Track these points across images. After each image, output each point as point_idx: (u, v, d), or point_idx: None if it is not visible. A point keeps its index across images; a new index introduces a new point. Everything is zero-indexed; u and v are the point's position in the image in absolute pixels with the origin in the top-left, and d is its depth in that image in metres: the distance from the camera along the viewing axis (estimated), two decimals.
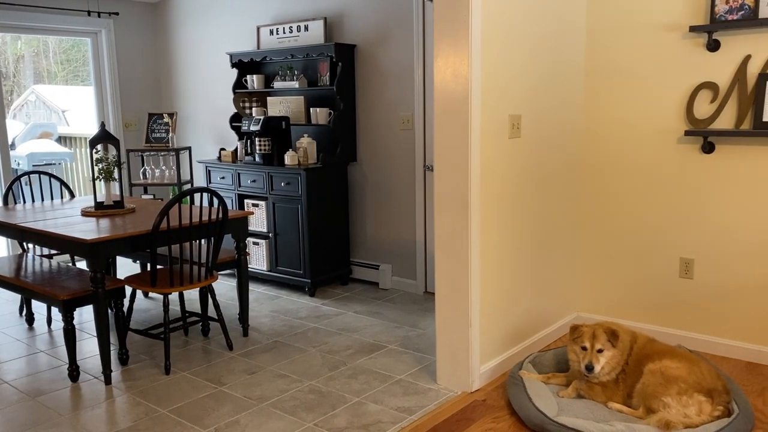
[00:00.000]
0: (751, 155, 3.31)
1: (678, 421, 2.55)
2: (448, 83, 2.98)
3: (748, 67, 3.26)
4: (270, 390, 3.23)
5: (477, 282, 3.09)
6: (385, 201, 4.93)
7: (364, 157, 5.02)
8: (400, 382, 3.28)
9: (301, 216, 4.75)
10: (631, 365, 2.85)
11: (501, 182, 3.21)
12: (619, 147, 3.73)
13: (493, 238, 3.20)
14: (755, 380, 3.20)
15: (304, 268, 4.80)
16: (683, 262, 3.58)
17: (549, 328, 3.74)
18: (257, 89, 5.36)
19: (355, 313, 4.41)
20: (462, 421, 2.86)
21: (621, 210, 3.77)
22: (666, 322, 3.69)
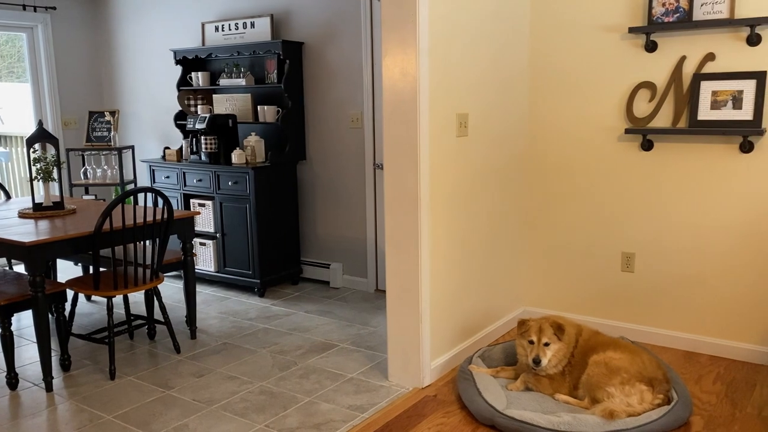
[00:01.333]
0: (687, 152, 3.45)
1: (621, 410, 2.63)
2: (397, 82, 3.00)
3: (684, 67, 3.39)
4: (219, 392, 3.19)
5: (427, 279, 3.12)
6: (336, 199, 4.92)
7: (313, 156, 4.99)
8: (351, 381, 3.28)
9: (249, 215, 4.69)
10: (576, 357, 2.93)
11: (450, 180, 3.25)
12: (562, 145, 3.82)
13: (443, 235, 3.24)
14: (693, 368, 3.34)
15: (253, 268, 4.74)
16: (625, 256, 3.70)
17: (498, 322, 3.81)
18: (203, 87, 5.27)
19: (305, 312, 4.39)
20: (413, 417, 2.89)
21: (565, 206, 3.87)
22: (609, 314, 3.80)
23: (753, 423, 2.78)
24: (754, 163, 3.27)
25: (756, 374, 3.25)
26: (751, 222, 3.31)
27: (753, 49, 3.21)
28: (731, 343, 3.45)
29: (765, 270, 3.31)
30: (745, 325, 3.40)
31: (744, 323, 3.40)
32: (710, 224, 3.42)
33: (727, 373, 3.28)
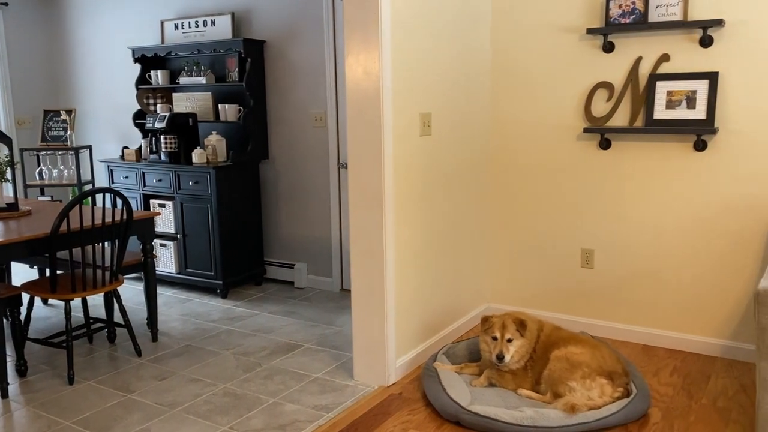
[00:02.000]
0: (643, 151, 3.53)
1: (582, 404, 2.69)
2: (360, 81, 3.00)
3: (640, 68, 3.47)
4: (182, 395, 3.14)
5: (392, 278, 3.13)
6: (299, 199, 4.90)
7: (276, 155, 4.96)
8: (317, 381, 3.27)
9: (211, 216, 4.63)
10: (538, 353, 2.98)
11: (414, 179, 3.27)
12: (523, 144, 3.88)
13: (408, 234, 3.26)
14: (651, 362, 3.43)
15: (216, 269, 4.69)
16: (584, 252, 3.77)
17: (461, 319, 3.84)
18: (162, 85, 5.18)
19: (269, 313, 4.35)
20: (379, 415, 2.89)
21: (527, 204, 3.92)
22: (570, 310, 3.88)
23: (708, 413, 2.87)
24: (708, 161, 3.37)
25: (711, 366, 3.35)
26: (705, 218, 3.42)
27: (705, 50, 3.30)
28: (687, 336, 3.55)
29: (719, 265, 3.42)
30: (700, 319, 3.51)
31: (699, 317, 3.51)
32: (666, 221, 3.52)
33: (683, 365, 3.37)
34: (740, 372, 3.27)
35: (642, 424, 2.77)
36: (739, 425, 2.76)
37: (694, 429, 2.73)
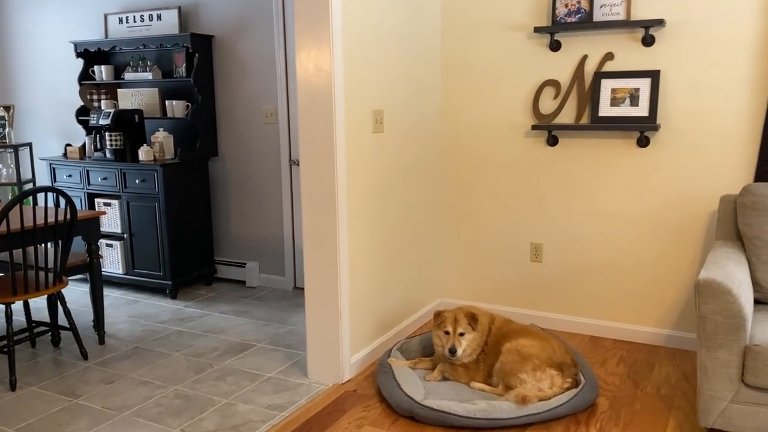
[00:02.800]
0: (589, 147, 3.63)
1: (533, 395, 2.75)
2: (311, 77, 2.98)
3: (585, 66, 3.56)
4: (132, 398, 3.07)
5: (346, 275, 3.13)
6: (250, 197, 4.84)
7: (226, 152, 4.88)
8: (270, 380, 3.24)
9: (158, 214, 4.53)
10: (490, 346, 3.03)
11: (367, 176, 3.27)
12: (474, 141, 3.93)
13: (361, 231, 3.26)
14: (598, 352, 3.52)
15: (164, 269, 4.59)
16: (533, 247, 3.85)
17: (415, 315, 3.87)
18: (106, 81, 5.03)
19: (221, 313, 4.29)
20: (333, 413, 2.89)
21: (478, 201, 3.98)
22: (520, 303, 3.95)
23: (653, 401, 2.97)
24: (650, 156, 3.48)
25: (655, 355, 3.47)
26: (648, 213, 3.53)
27: (648, 49, 3.41)
28: (632, 327, 3.66)
29: (661, 257, 3.54)
30: (644, 310, 3.62)
31: (644, 308, 3.62)
32: (611, 215, 3.62)
33: (629, 355, 3.48)
34: (682, 360, 3.40)
35: (590, 413, 2.85)
36: (681, 411, 2.86)
37: (640, 416, 2.83)
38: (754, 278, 2.83)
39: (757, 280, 2.83)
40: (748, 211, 2.91)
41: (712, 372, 2.42)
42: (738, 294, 2.38)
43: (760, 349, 2.33)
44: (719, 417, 2.43)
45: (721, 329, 2.39)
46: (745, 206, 2.92)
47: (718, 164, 3.33)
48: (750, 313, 2.45)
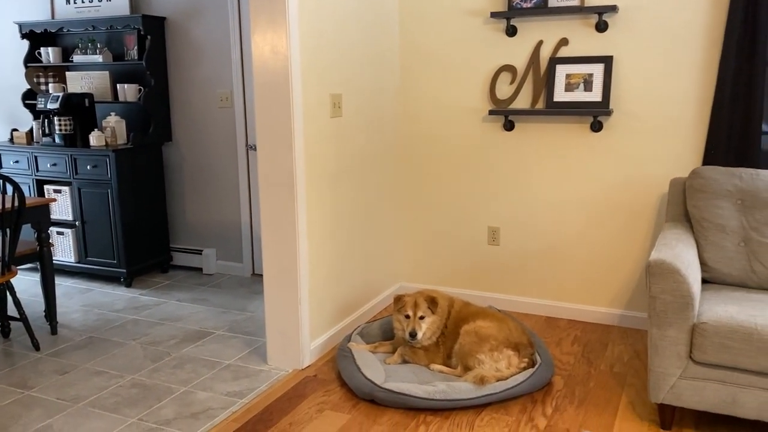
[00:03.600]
0: (545, 132, 3.68)
1: (491, 375, 2.80)
2: (267, 60, 2.94)
3: (541, 51, 3.60)
4: (86, 389, 3.00)
5: (305, 261, 3.11)
6: (206, 183, 4.76)
7: (180, 137, 4.78)
8: (229, 367, 3.21)
9: (111, 201, 4.42)
10: (449, 328, 3.06)
11: (325, 161, 3.25)
12: (432, 125, 3.94)
13: (320, 216, 3.24)
14: (553, 332, 3.61)
15: (118, 257, 4.49)
16: (491, 230, 3.90)
17: (375, 299, 3.89)
18: (54, 63, 4.86)
19: (177, 301, 4.23)
20: (294, 398, 2.89)
21: (436, 185, 4.00)
22: (478, 286, 4.01)
23: (606, 378, 3.06)
24: (603, 141, 3.56)
25: (608, 335, 3.57)
26: (602, 196, 3.61)
27: (601, 35, 3.47)
28: (586, 307, 3.75)
29: (614, 240, 3.63)
30: (598, 291, 3.72)
31: (597, 289, 3.72)
32: (566, 199, 3.69)
33: (583, 335, 3.57)
34: (634, 339, 3.50)
35: (546, 392, 2.92)
36: (633, 388, 2.96)
37: (594, 394, 2.91)
38: (702, 258, 2.93)
39: (704, 260, 2.93)
40: (697, 194, 3.00)
41: (662, 350, 2.51)
42: (687, 274, 2.46)
43: (707, 326, 2.42)
44: (669, 393, 2.52)
45: (670, 308, 2.47)
46: (694, 189, 3.02)
47: (669, 148, 3.42)
48: (698, 292, 2.54)
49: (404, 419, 2.69)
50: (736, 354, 2.38)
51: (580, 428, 2.61)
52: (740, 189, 2.93)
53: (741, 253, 2.88)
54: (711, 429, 2.60)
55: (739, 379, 2.42)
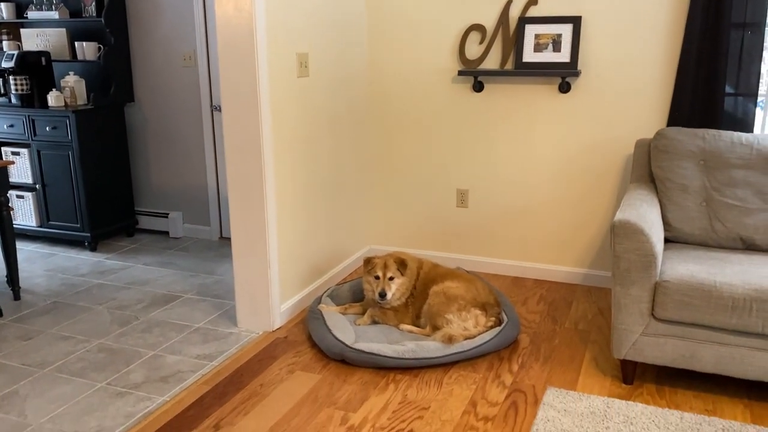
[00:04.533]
0: (513, 93, 3.68)
1: (459, 335, 2.84)
2: (231, 18, 2.86)
3: (510, 11, 3.57)
4: (52, 354, 2.97)
5: (274, 223, 3.09)
6: (171, 145, 4.66)
7: (142, 98, 4.66)
8: (198, 330, 3.20)
9: (73, 164, 4.30)
10: (418, 289, 3.09)
11: (293, 123, 3.20)
12: (400, 87, 3.90)
13: (288, 178, 3.21)
14: (520, 292, 3.67)
15: (82, 221, 4.40)
16: (459, 193, 3.92)
17: (345, 262, 3.89)
18: (7, 20, 4.65)
19: (144, 265, 4.17)
20: (264, 360, 2.90)
21: (405, 147, 3.98)
22: (447, 248, 4.04)
23: (570, 335, 3.13)
24: (571, 102, 3.57)
25: (573, 293, 3.65)
26: (569, 157, 3.64)
27: None
28: (552, 267, 3.82)
29: (580, 200, 3.68)
30: (563, 251, 3.78)
31: (563, 249, 3.78)
32: (534, 160, 3.71)
33: (548, 294, 3.64)
34: (598, 297, 3.59)
35: (513, 350, 2.98)
36: (597, 345, 3.04)
37: (559, 350, 2.98)
38: (665, 218, 2.99)
39: (667, 220, 2.99)
40: (661, 155, 3.05)
41: (625, 307, 2.57)
42: (650, 234, 2.51)
43: (669, 284, 2.48)
44: (631, 349, 2.60)
45: (634, 267, 2.52)
46: (658, 150, 3.06)
47: (635, 110, 3.45)
48: (660, 251, 2.60)
49: (374, 378, 2.73)
50: (695, 311, 2.45)
51: (546, 384, 2.68)
52: (703, 150, 2.98)
53: (702, 212, 2.94)
54: (670, 382, 2.70)
55: (698, 334, 2.50)
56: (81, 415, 2.48)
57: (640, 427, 2.36)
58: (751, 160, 2.92)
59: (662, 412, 2.46)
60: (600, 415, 2.43)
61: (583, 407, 2.49)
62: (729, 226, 2.89)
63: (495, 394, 2.61)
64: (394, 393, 2.62)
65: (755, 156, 2.92)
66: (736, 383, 2.68)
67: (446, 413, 2.48)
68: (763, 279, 2.45)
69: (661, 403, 2.55)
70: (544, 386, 2.67)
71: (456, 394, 2.61)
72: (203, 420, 2.44)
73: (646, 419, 2.41)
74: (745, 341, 2.44)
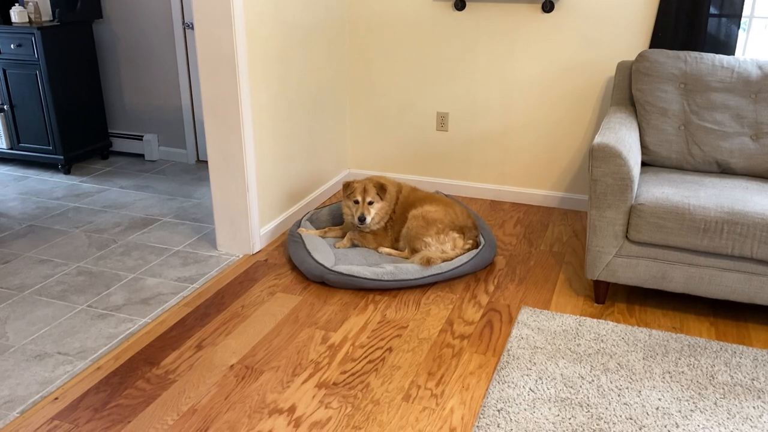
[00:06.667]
0: (496, 12, 3.58)
1: (437, 257, 2.88)
2: None
3: None
4: (31, 277, 2.96)
5: (251, 146, 3.04)
6: (143, 64, 4.51)
7: (111, 14, 4.46)
8: (178, 253, 3.21)
9: (41, 83, 4.16)
10: (397, 213, 3.11)
11: (268, 42, 3.10)
12: (381, 4, 3.78)
13: (264, 100, 3.14)
14: (497, 215, 3.71)
15: (54, 143, 4.29)
16: (439, 116, 3.88)
17: (324, 186, 3.88)
18: None
19: (120, 188, 4.12)
20: (245, 282, 2.93)
21: (384, 69, 3.90)
22: (426, 171, 4.04)
23: (545, 257, 3.20)
24: (554, 21, 3.49)
25: (549, 216, 3.70)
26: (550, 79, 3.60)
27: None
28: (529, 190, 3.85)
29: (560, 124, 3.67)
30: (540, 174, 3.80)
31: (540, 172, 3.80)
32: (515, 82, 3.67)
33: (525, 217, 3.69)
34: (573, 220, 3.64)
35: (489, 271, 3.05)
36: (571, 266, 3.11)
37: (534, 272, 3.05)
38: (643, 142, 3.01)
39: (645, 143, 3.01)
40: (642, 77, 3.02)
41: (600, 230, 2.62)
42: (628, 157, 2.53)
43: (644, 207, 2.52)
44: (604, 270, 2.67)
45: (610, 190, 2.55)
46: (640, 72, 3.04)
47: (618, 31, 3.39)
48: (637, 174, 2.63)
49: (354, 299, 2.78)
50: (668, 233, 2.51)
51: (520, 304, 2.76)
52: (684, 73, 2.96)
53: (680, 136, 2.96)
54: (640, 302, 2.79)
55: (670, 256, 2.56)
56: (63, 336, 2.51)
57: (610, 344, 2.45)
58: (731, 84, 2.91)
59: (632, 329, 2.55)
60: (572, 333, 2.52)
61: (556, 325, 2.57)
62: (706, 150, 2.92)
63: (471, 314, 2.68)
64: (374, 313, 2.68)
65: (735, 79, 2.91)
66: (704, 302, 2.78)
67: (424, 332, 2.55)
68: (736, 202, 2.49)
69: (631, 321, 2.64)
70: (518, 306, 2.75)
71: (433, 313, 2.68)
72: (185, 340, 2.48)
73: (616, 336, 2.50)
74: (715, 262, 2.52)
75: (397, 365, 2.34)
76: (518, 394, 2.16)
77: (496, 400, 2.13)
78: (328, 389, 2.21)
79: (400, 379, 2.27)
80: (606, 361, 2.35)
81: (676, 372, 2.30)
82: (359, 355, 2.40)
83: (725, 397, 2.18)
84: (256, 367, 2.32)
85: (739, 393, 2.20)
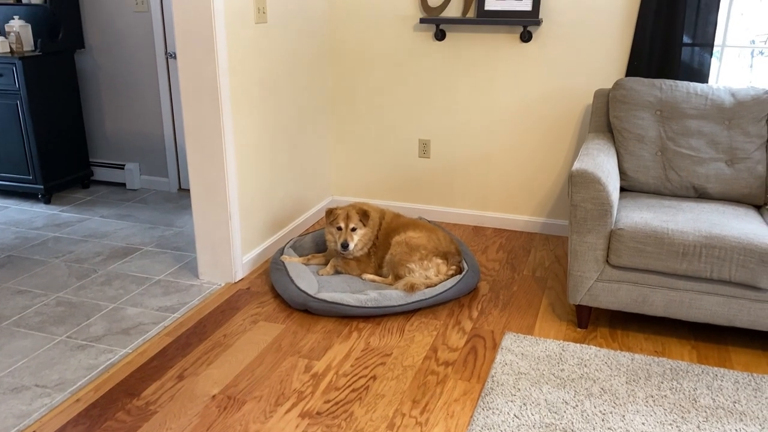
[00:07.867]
0: (475, 42, 3.65)
1: (421, 283, 2.89)
2: None
3: None
4: (8, 308, 2.92)
5: (234, 174, 3.05)
6: (125, 93, 4.52)
7: (94, 44, 4.48)
8: (159, 282, 3.18)
9: (22, 113, 4.14)
10: (380, 239, 3.12)
11: (251, 70, 3.13)
12: (361, 34, 3.83)
13: (248, 129, 3.15)
14: (480, 241, 3.73)
15: (34, 172, 4.26)
16: (421, 143, 3.91)
17: (307, 213, 3.88)
18: None
19: (101, 217, 4.09)
20: (227, 311, 2.90)
21: (366, 97, 3.94)
22: (409, 198, 4.06)
23: (528, 282, 3.21)
24: (532, 51, 3.56)
25: (531, 242, 3.72)
26: (528, 107, 3.66)
27: None
28: (511, 216, 3.88)
29: (539, 150, 3.72)
30: (522, 200, 3.84)
31: (521, 198, 3.84)
32: (494, 110, 3.72)
33: (508, 242, 3.71)
34: (555, 245, 3.67)
35: (473, 297, 3.05)
36: (553, 291, 3.13)
37: (517, 297, 3.06)
38: (622, 168, 3.06)
39: (624, 169, 3.05)
40: (619, 105, 3.09)
41: (581, 255, 2.64)
42: (606, 183, 2.57)
43: (623, 232, 2.56)
44: (586, 294, 2.68)
45: (590, 216, 2.58)
46: (616, 100, 3.10)
47: (595, 59, 3.47)
48: (616, 200, 2.67)
49: (337, 327, 2.77)
50: (648, 257, 2.53)
51: (504, 330, 2.76)
52: (660, 100, 3.03)
53: (658, 162, 3.01)
54: (623, 326, 2.80)
55: (650, 280, 2.59)
56: (41, 368, 2.46)
57: (594, 369, 2.46)
58: (705, 111, 2.98)
59: (614, 354, 2.56)
60: (555, 358, 2.52)
61: (540, 351, 2.58)
62: (683, 175, 2.97)
63: (455, 340, 2.68)
64: (357, 341, 2.66)
65: (709, 106, 2.98)
66: (685, 326, 2.80)
67: (408, 359, 2.54)
68: (713, 226, 2.54)
69: (614, 345, 2.66)
70: (502, 331, 2.75)
71: (417, 340, 2.67)
72: (167, 371, 2.45)
73: (599, 361, 2.51)
74: (694, 285, 2.55)
75: (381, 393, 2.33)
76: (503, 421, 2.16)
77: (480, 427, 2.12)
78: (312, 419, 2.19)
79: (385, 407, 2.25)
80: (590, 386, 2.36)
81: (659, 396, 2.31)
82: (343, 383, 2.38)
83: (708, 420, 2.19)
84: (238, 397, 2.30)
85: (721, 416, 2.21)
